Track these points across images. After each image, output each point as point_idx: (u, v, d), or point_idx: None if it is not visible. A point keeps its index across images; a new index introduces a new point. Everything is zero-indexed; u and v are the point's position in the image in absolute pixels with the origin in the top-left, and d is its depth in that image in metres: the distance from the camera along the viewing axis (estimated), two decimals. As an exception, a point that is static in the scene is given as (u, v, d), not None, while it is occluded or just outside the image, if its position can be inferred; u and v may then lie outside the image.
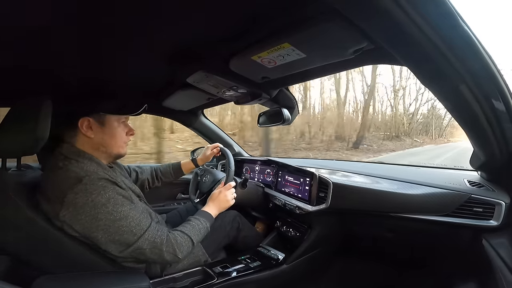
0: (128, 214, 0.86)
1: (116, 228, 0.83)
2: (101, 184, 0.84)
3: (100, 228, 0.82)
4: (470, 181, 1.07)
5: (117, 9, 0.60)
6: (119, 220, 0.84)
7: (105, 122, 0.95)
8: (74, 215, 0.81)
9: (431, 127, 24.05)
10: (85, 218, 0.81)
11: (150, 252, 0.88)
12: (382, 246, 1.35)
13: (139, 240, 0.86)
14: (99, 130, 0.94)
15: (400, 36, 0.53)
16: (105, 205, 0.82)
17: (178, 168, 1.48)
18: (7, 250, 0.82)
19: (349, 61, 0.79)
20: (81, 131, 0.91)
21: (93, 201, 0.81)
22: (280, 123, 1.36)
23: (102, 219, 0.82)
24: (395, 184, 1.17)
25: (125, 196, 0.90)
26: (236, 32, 0.74)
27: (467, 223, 0.98)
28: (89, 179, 0.83)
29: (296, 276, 1.34)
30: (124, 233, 0.84)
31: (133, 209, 0.89)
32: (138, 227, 0.86)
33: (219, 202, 1.16)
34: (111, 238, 0.84)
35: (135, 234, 0.86)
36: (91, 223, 0.81)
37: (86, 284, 0.81)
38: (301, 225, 1.41)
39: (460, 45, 0.54)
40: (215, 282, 1.06)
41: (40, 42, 0.72)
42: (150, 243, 0.87)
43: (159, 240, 0.89)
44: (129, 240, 0.85)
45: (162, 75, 1.12)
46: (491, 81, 0.63)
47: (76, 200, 0.80)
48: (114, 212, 0.83)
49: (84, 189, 0.81)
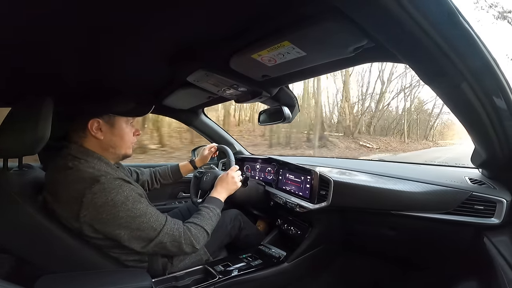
0: (146, 210, 0.88)
1: (137, 224, 0.85)
2: (117, 183, 0.85)
3: (122, 226, 0.84)
4: (471, 179, 1.07)
5: (117, 7, 0.60)
6: (139, 216, 0.85)
7: (114, 123, 0.96)
8: (95, 215, 0.81)
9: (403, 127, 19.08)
10: (106, 217, 0.82)
11: (171, 245, 0.90)
12: (383, 244, 1.35)
13: (160, 234, 0.88)
14: (108, 131, 0.95)
15: (401, 34, 0.52)
16: (124, 203, 0.83)
17: (176, 170, 1.48)
18: (10, 249, 0.82)
19: (349, 59, 0.79)
20: (91, 132, 0.92)
21: (113, 199, 0.82)
22: (281, 121, 1.36)
23: (123, 216, 0.83)
24: (396, 182, 1.17)
25: (140, 194, 0.92)
26: (236, 31, 0.73)
27: (468, 221, 0.98)
28: (106, 179, 0.84)
29: (298, 274, 1.34)
30: (145, 229, 0.86)
31: (149, 205, 0.91)
32: (157, 222, 0.88)
33: (227, 184, 1.18)
34: (133, 234, 0.85)
35: (155, 229, 0.88)
36: (113, 221, 0.83)
37: (89, 283, 0.81)
38: (302, 223, 1.41)
39: (461, 43, 0.54)
40: (216, 281, 1.07)
41: (41, 42, 0.72)
42: (170, 236, 0.90)
43: (177, 233, 0.91)
44: (151, 235, 0.87)
45: (163, 74, 1.12)
46: (492, 79, 0.62)
47: (95, 200, 0.80)
48: (133, 209, 0.85)
49: (103, 189, 0.82)
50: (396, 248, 1.32)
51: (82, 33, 0.70)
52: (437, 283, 1.21)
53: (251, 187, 1.46)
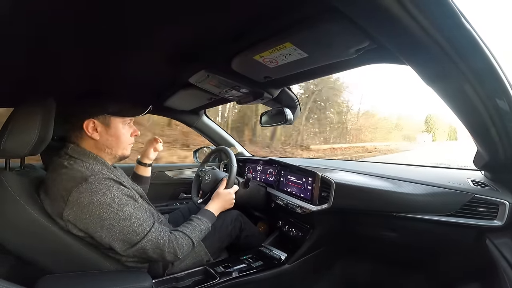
0: (132, 214, 0.86)
1: (120, 228, 0.84)
2: (106, 183, 0.85)
3: (104, 228, 0.83)
4: (473, 181, 1.06)
5: (120, 9, 0.60)
6: (123, 220, 0.84)
7: (110, 124, 0.96)
8: (78, 214, 0.81)
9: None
10: (89, 217, 0.81)
11: (153, 252, 0.89)
12: (385, 246, 1.35)
13: (143, 240, 0.87)
14: (104, 132, 0.95)
15: (403, 35, 0.52)
16: (110, 204, 0.83)
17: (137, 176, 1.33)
18: (11, 249, 0.82)
19: (351, 60, 0.79)
20: (86, 132, 0.92)
21: (98, 200, 0.81)
22: (283, 122, 1.37)
23: (107, 218, 0.82)
24: (398, 183, 1.17)
25: (130, 196, 0.90)
26: (238, 32, 0.73)
27: (471, 223, 0.97)
28: (95, 178, 0.83)
29: (298, 276, 1.34)
30: (127, 233, 0.85)
31: (137, 209, 0.90)
32: (141, 227, 0.87)
33: (224, 202, 1.18)
34: (114, 237, 0.85)
35: (138, 234, 0.86)
36: (95, 222, 0.82)
37: (89, 284, 0.81)
38: (303, 225, 1.40)
39: (463, 44, 0.54)
40: (217, 282, 1.06)
41: (43, 43, 0.73)
42: (153, 244, 0.88)
43: (161, 241, 0.89)
44: (132, 240, 0.86)
45: (164, 75, 1.12)
46: (495, 81, 0.62)
47: (80, 199, 0.80)
48: (119, 211, 0.84)
49: (90, 188, 0.81)
50: (397, 250, 1.32)
51: (85, 35, 0.71)
52: (438, 285, 1.21)
53: (252, 189, 1.46)
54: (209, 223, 1.06)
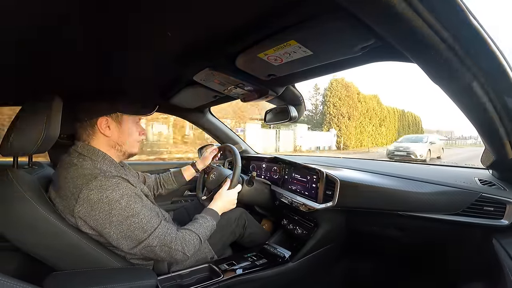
0: (140, 211, 0.87)
1: (128, 224, 0.85)
2: (115, 181, 0.86)
3: (113, 224, 0.84)
4: (481, 180, 1.05)
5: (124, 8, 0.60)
6: (131, 216, 0.85)
7: (122, 122, 0.99)
8: (89, 211, 0.83)
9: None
10: (99, 214, 0.83)
11: (160, 249, 0.89)
12: (390, 245, 1.34)
13: (150, 237, 0.87)
14: (116, 129, 0.97)
15: (409, 34, 0.51)
16: (118, 201, 0.84)
17: (179, 174, 1.47)
18: (18, 247, 0.83)
19: (356, 58, 0.78)
20: (99, 130, 0.94)
21: (108, 197, 0.83)
22: (287, 120, 1.36)
23: (116, 215, 0.84)
24: (404, 182, 1.16)
25: (137, 194, 0.92)
26: (243, 30, 0.73)
27: (478, 222, 0.96)
28: (104, 176, 0.85)
29: (302, 274, 1.34)
30: (135, 229, 0.86)
31: (144, 206, 0.91)
32: (148, 224, 0.88)
33: (225, 203, 1.18)
34: (122, 234, 0.86)
35: (145, 231, 0.87)
36: (105, 219, 0.83)
37: (96, 281, 0.82)
38: (307, 223, 1.40)
39: (471, 41, 0.53)
40: (221, 279, 1.07)
41: (51, 41, 0.73)
42: (160, 241, 0.89)
43: (168, 238, 0.90)
44: (140, 236, 0.87)
45: (169, 73, 1.12)
46: (503, 79, 0.61)
47: (90, 196, 0.82)
48: (127, 208, 0.85)
49: (99, 186, 0.83)
50: (403, 249, 1.31)
51: (92, 33, 0.71)
52: (444, 285, 1.20)
53: (257, 187, 1.46)
54: (214, 221, 1.07)
